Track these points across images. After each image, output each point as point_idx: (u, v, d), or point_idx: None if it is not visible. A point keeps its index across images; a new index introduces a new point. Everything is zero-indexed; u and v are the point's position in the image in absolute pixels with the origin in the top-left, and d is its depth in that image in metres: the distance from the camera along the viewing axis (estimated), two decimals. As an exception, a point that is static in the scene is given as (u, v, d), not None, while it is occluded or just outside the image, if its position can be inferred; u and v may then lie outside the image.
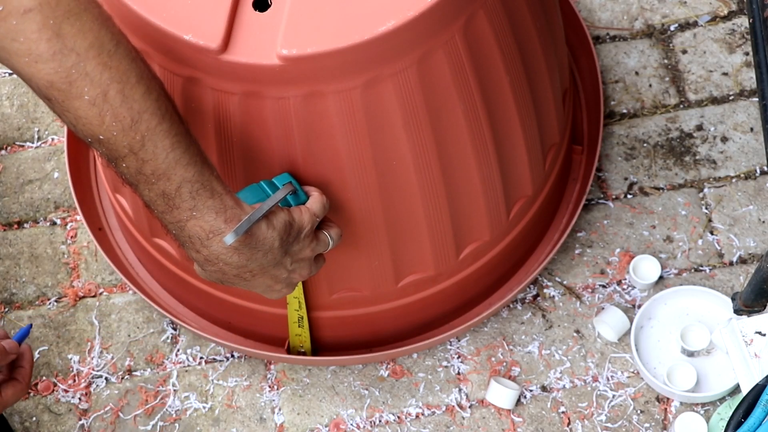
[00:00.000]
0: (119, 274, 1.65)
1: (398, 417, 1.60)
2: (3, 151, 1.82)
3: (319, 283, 1.47)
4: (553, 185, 1.61)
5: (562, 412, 1.59)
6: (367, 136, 1.28)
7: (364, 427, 1.60)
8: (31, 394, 1.63)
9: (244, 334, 1.63)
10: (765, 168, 1.75)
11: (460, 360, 1.63)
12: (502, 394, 1.58)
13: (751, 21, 1.31)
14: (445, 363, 1.63)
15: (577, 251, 1.70)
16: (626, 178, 1.75)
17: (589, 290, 1.67)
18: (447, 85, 1.28)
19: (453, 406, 1.61)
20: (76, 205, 1.67)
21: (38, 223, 1.76)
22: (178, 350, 1.66)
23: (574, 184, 1.70)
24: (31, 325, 1.48)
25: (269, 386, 1.63)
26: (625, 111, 1.81)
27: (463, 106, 1.31)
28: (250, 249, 1.20)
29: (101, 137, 1.11)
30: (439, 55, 1.25)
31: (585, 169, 1.70)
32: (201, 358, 1.65)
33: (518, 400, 1.60)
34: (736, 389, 1.58)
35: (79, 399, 1.63)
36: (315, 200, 1.28)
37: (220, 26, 1.21)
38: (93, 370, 1.64)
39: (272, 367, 1.64)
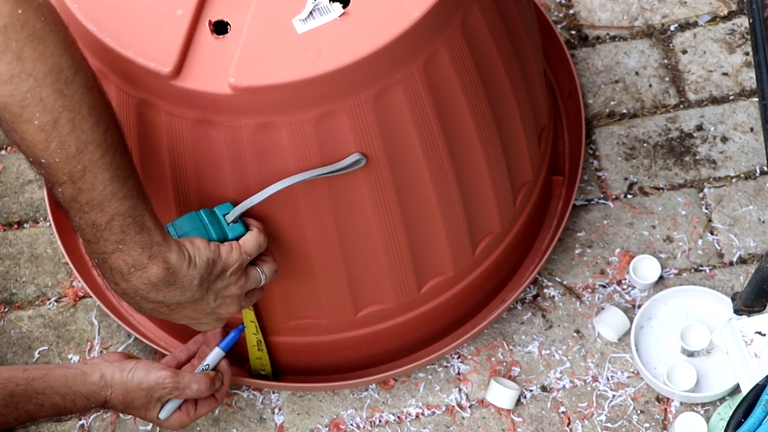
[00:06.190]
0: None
1: (398, 417, 1.60)
2: (3, 151, 1.82)
3: (276, 315, 1.46)
4: (526, 222, 1.59)
5: (562, 412, 1.59)
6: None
7: (364, 427, 1.60)
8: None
9: None
10: (765, 168, 1.75)
11: (459, 360, 1.63)
12: (502, 394, 1.58)
13: (751, 21, 1.31)
14: (444, 363, 1.63)
15: (577, 251, 1.70)
16: (626, 178, 1.75)
17: (589, 290, 1.67)
18: (405, 122, 1.26)
19: (453, 406, 1.61)
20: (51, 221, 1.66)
21: (38, 223, 1.76)
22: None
23: (551, 220, 1.68)
24: (241, 328, 1.46)
25: (269, 386, 1.63)
26: (625, 111, 1.81)
27: (423, 148, 1.29)
28: (168, 286, 1.20)
29: (43, 161, 1.10)
30: (396, 92, 1.23)
31: (564, 201, 1.68)
32: (201, 358, 1.65)
33: (518, 400, 1.60)
34: (736, 389, 1.58)
35: (79, 399, 1.63)
36: (251, 237, 1.27)
37: (174, 50, 1.19)
38: (93, 370, 1.64)
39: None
